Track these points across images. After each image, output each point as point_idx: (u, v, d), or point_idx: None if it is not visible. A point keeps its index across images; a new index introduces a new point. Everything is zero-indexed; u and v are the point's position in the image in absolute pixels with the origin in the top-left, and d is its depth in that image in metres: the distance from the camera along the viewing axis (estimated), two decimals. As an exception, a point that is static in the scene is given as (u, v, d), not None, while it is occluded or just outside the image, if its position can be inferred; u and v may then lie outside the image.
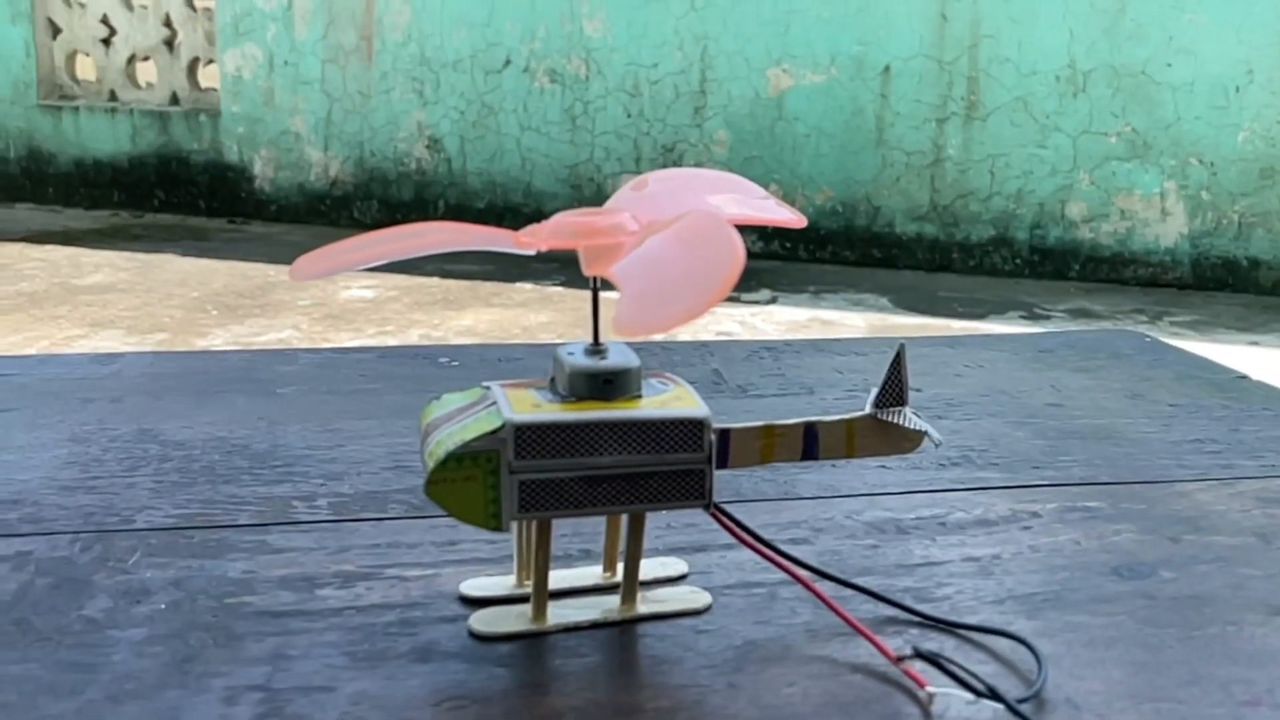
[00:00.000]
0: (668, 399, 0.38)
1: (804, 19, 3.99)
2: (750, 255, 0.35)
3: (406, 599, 0.42)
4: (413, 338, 3.10)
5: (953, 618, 0.41)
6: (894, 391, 0.41)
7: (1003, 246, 3.98)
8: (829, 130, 4.05)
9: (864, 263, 4.05)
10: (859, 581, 0.42)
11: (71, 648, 0.38)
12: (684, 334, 3.10)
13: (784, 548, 0.40)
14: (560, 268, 3.75)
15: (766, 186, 4.14)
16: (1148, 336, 0.83)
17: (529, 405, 0.37)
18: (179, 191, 4.78)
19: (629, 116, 4.25)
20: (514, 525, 0.41)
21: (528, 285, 3.66)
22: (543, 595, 0.39)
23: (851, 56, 3.98)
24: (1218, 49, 3.66)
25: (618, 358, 0.38)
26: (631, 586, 0.40)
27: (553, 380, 0.39)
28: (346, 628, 0.40)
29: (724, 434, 0.39)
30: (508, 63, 4.33)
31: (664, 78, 4.18)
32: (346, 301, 3.47)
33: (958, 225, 4.01)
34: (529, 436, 0.36)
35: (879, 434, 0.41)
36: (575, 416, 0.36)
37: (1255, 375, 0.73)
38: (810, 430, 0.40)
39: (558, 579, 0.42)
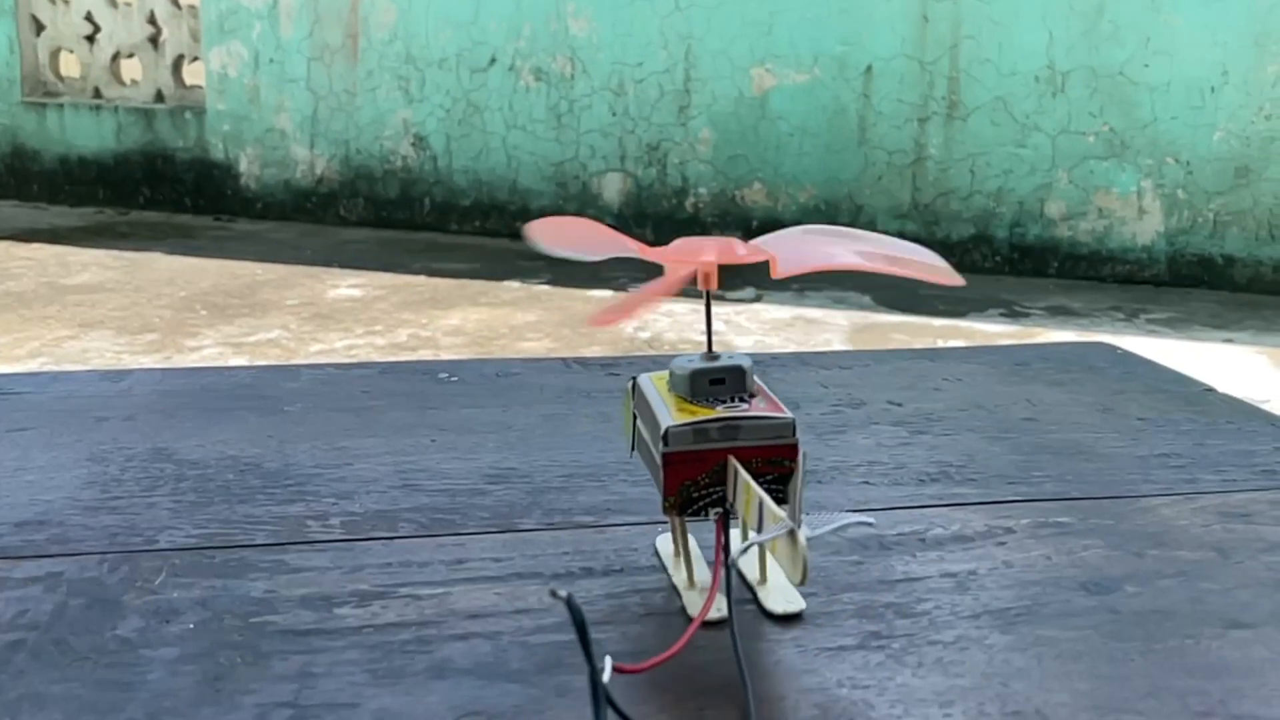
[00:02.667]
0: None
1: (787, 19, 4.02)
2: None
3: (420, 617, 0.45)
4: (401, 337, 3.12)
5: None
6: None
7: (983, 244, 4.02)
8: (812, 129, 4.08)
9: (847, 260, 4.08)
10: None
11: (109, 667, 0.41)
12: (671, 334, 3.13)
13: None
14: (546, 267, 3.77)
15: (750, 185, 4.18)
16: (1119, 349, 0.86)
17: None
18: (165, 189, 4.79)
19: (614, 115, 4.27)
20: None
21: (515, 284, 3.68)
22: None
23: (834, 56, 4.02)
24: (1194, 50, 3.71)
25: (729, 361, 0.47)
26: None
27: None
28: (365, 646, 0.42)
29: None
30: (493, 61, 4.35)
31: (649, 77, 4.21)
32: (334, 301, 3.48)
33: (939, 223, 4.05)
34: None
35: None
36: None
37: (1230, 371, 0.76)
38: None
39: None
